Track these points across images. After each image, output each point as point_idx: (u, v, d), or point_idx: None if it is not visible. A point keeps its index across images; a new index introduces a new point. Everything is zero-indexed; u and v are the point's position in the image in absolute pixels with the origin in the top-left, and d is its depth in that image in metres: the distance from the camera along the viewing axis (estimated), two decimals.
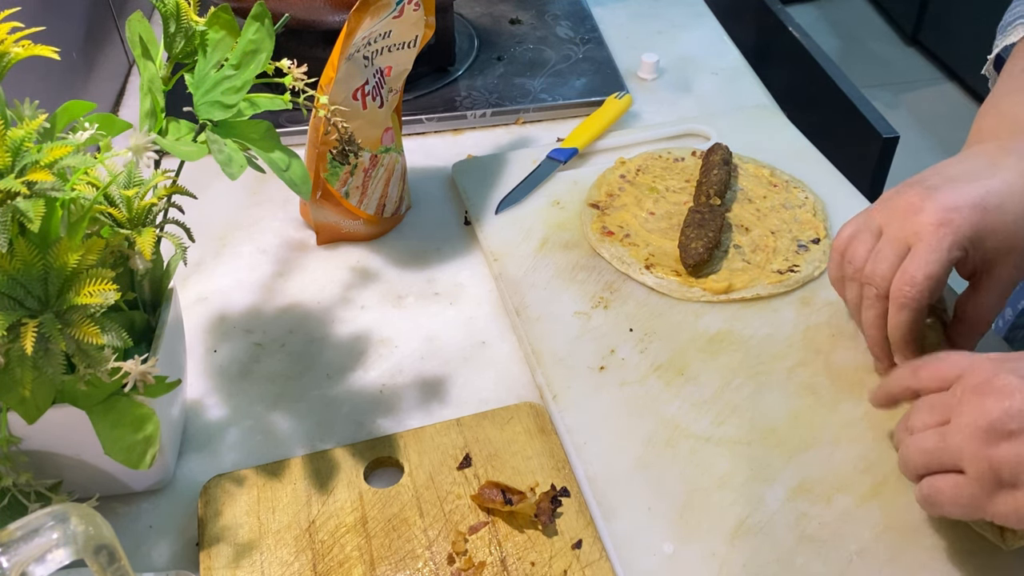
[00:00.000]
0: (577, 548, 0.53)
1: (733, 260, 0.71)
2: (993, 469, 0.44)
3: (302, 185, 0.53)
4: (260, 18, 0.53)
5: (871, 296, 0.57)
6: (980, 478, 0.45)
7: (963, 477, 0.46)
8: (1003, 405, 0.44)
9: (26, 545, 0.38)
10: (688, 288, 0.69)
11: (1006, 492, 0.45)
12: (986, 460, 0.45)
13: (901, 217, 0.56)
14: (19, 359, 0.45)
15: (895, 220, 0.56)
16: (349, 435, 0.61)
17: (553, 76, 0.97)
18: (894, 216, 0.56)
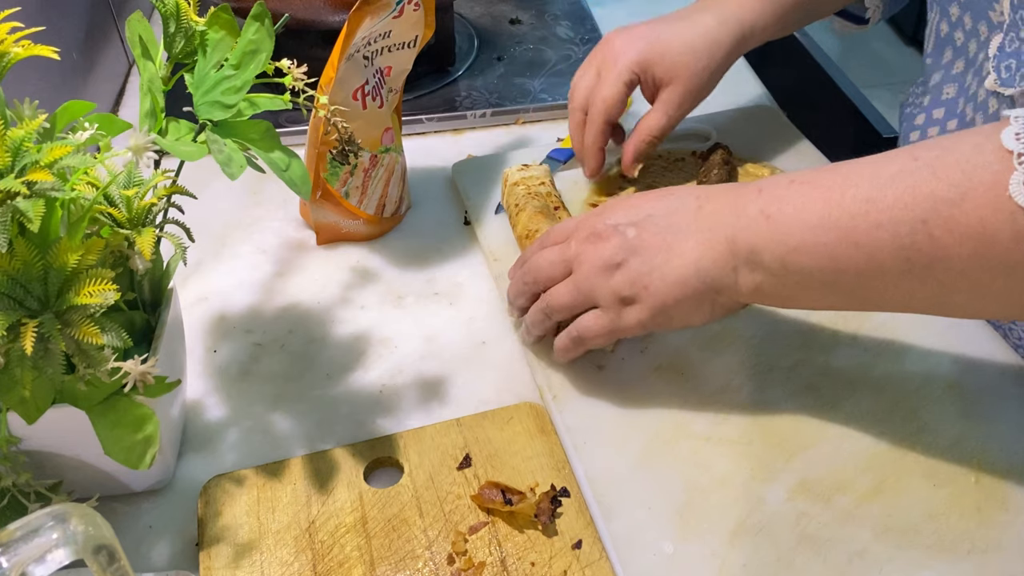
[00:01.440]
0: (577, 548, 0.53)
1: None
2: (616, 294, 0.57)
3: (302, 185, 0.53)
4: (260, 18, 0.53)
5: (572, 108, 0.77)
6: (611, 305, 0.57)
7: (599, 310, 0.58)
8: (608, 245, 0.57)
9: (26, 545, 0.38)
10: None
11: (628, 308, 0.57)
12: (609, 289, 0.57)
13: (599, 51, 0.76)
14: (19, 359, 0.45)
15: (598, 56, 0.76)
16: (349, 435, 0.61)
17: (553, 76, 0.97)
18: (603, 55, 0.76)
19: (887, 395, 0.62)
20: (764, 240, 0.52)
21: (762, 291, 0.54)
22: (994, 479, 0.57)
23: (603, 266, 0.57)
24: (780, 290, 0.54)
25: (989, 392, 0.62)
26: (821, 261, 0.50)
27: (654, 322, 0.57)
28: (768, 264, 0.53)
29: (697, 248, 0.55)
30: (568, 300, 0.60)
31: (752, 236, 0.53)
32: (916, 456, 0.58)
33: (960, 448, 0.59)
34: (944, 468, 0.58)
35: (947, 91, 0.70)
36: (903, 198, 0.47)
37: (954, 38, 0.68)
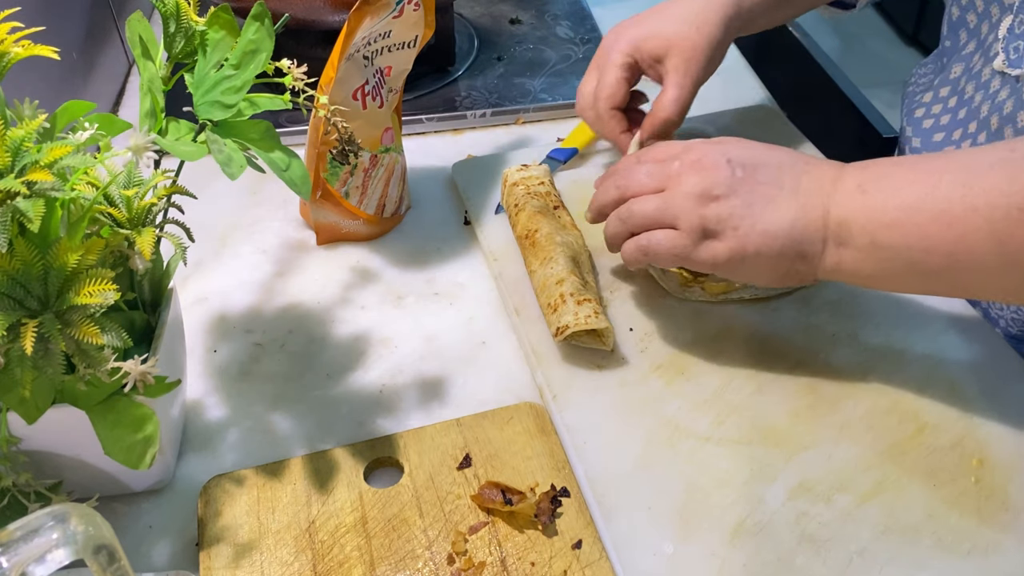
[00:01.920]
0: (577, 548, 0.53)
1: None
2: (702, 224, 0.57)
3: (302, 185, 0.53)
4: (260, 18, 0.53)
5: (579, 110, 0.77)
6: (691, 231, 0.57)
7: (676, 231, 0.58)
8: (712, 175, 0.57)
9: (26, 545, 0.38)
10: (687, 288, 0.69)
11: (709, 241, 0.57)
12: (698, 216, 0.57)
13: (597, 54, 0.76)
14: (19, 359, 0.45)
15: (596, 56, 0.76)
16: (349, 435, 0.61)
17: (553, 76, 0.97)
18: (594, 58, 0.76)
19: (887, 395, 0.62)
20: (857, 214, 0.53)
21: (843, 268, 0.55)
22: (994, 479, 0.57)
23: (701, 193, 0.57)
24: (862, 267, 0.54)
25: (989, 392, 0.62)
26: (911, 239, 0.51)
27: (726, 264, 0.57)
28: (857, 239, 0.53)
29: (794, 209, 0.55)
30: (651, 211, 0.60)
31: (845, 209, 0.54)
32: (916, 456, 0.58)
33: (960, 448, 0.59)
34: (944, 468, 0.58)
35: (954, 70, 0.71)
36: (1000, 185, 0.48)
37: (967, 20, 0.69)
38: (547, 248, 0.68)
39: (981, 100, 0.65)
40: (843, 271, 0.55)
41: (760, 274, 0.58)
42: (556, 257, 0.67)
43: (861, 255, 0.54)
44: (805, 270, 0.57)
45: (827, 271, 0.56)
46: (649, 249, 0.60)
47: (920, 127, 0.73)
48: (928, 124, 0.72)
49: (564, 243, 0.69)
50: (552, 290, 0.65)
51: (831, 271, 0.56)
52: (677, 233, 0.59)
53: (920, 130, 0.73)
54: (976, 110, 0.67)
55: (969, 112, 0.68)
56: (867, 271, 0.54)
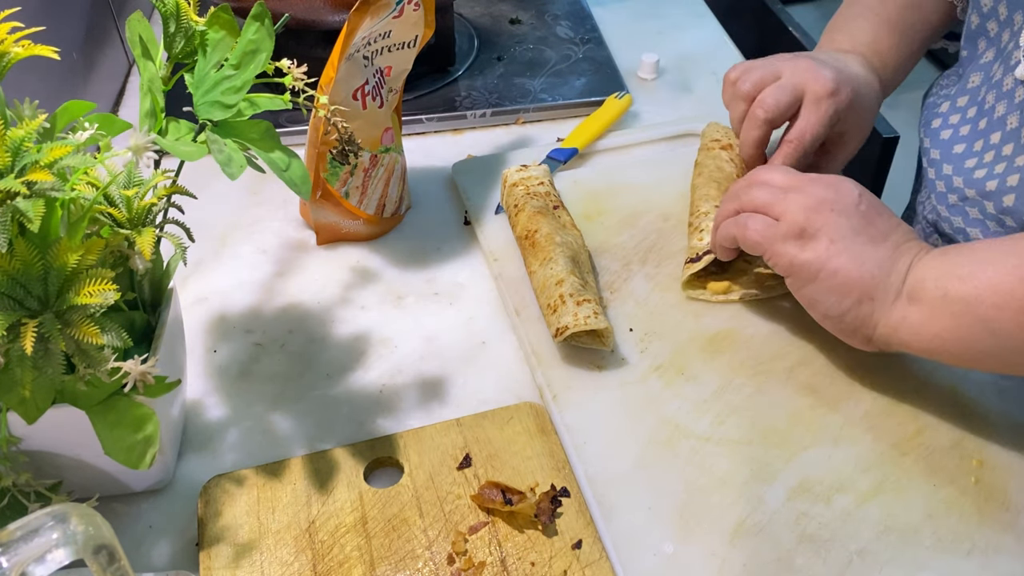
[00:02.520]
0: (577, 548, 0.53)
1: (734, 261, 0.71)
2: (805, 224, 0.58)
3: (302, 185, 0.53)
4: (260, 18, 0.53)
5: (759, 118, 0.71)
6: (790, 225, 0.58)
7: (775, 221, 0.59)
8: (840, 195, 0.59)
9: (26, 545, 0.38)
10: (690, 289, 0.69)
11: (799, 240, 0.58)
12: (804, 216, 0.58)
13: (802, 72, 0.70)
14: (19, 359, 0.45)
15: (797, 73, 0.70)
16: (349, 435, 0.61)
17: (553, 76, 0.96)
18: (796, 71, 0.71)
19: (887, 395, 0.62)
20: (934, 270, 0.54)
21: (908, 323, 0.55)
22: (994, 479, 0.57)
23: (821, 201, 0.58)
24: (930, 325, 0.54)
25: (989, 392, 0.62)
26: (983, 292, 0.51)
27: (802, 268, 0.58)
28: (929, 292, 0.53)
29: (888, 257, 0.56)
30: (766, 196, 0.61)
31: (924, 268, 0.55)
32: (916, 456, 0.58)
33: (960, 448, 0.59)
34: (944, 468, 0.58)
35: (973, 79, 0.71)
36: None
37: (987, 28, 0.69)
38: (547, 248, 0.68)
39: (1005, 111, 0.65)
40: (908, 328, 0.55)
41: (825, 297, 0.58)
42: (556, 257, 0.67)
43: (931, 311, 0.53)
44: (868, 314, 0.56)
45: (890, 325, 0.56)
46: (740, 222, 0.61)
47: (938, 138, 0.73)
48: (946, 135, 0.72)
49: (564, 243, 0.69)
50: (552, 291, 0.65)
51: (894, 326, 0.55)
52: (775, 222, 0.59)
53: (938, 141, 0.73)
54: (1000, 120, 0.66)
55: (991, 123, 0.67)
56: (935, 328, 0.54)
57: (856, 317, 0.57)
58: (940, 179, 0.72)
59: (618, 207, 0.78)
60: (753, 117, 0.71)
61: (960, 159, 0.70)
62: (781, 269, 0.59)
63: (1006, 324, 0.50)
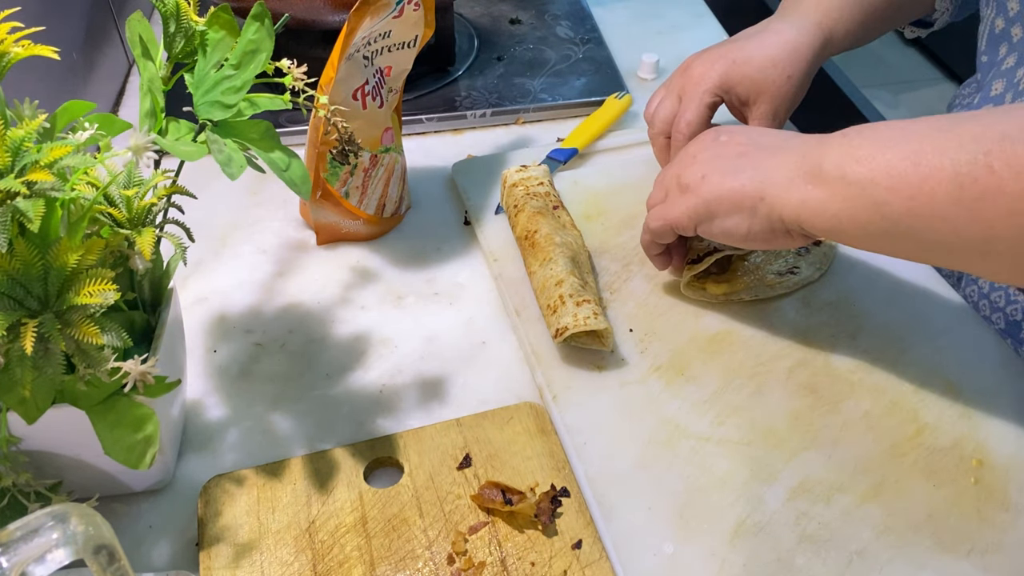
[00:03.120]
0: (577, 548, 0.53)
1: (734, 262, 0.71)
2: (677, 182, 0.61)
3: (302, 185, 0.53)
4: (260, 18, 0.53)
5: (654, 134, 0.75)
6: (671, 193, 0.62)
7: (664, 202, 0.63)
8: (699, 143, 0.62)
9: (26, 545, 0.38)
10: (690, 290, 0.69)
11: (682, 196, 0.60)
12: (675, 176, 0.62)
13: (680, 74, 0.74)
14: (19, 359, 0.45)
15: (675, 78, 0.75)
16: (349, 435, 0.61)
17: (553, 76, 0.97)
18: (676, 76, 0.75)
19: (887, 395, 0.62)
20: (833, 154, 0.53)
21: (808, 205, 0.54)
22: (994, 479, 0.57)
23: (684, 158, 0.62)
24: (828, 205, 0.53)
25: (989, 392, 0.62)
26: (878, 175, 0.50)
27: (693, 215, 0.59)
28: (827, 173, 0.53)
29: (765, 159, 0.57)
30: (654, 194, 0.64)
31: (822, 152, 0.54)
32: (916, 456, 0.58)
33: (960, 448, 0.59)
34: (944, 468, 0.58)
35: (995, 87, 0.70)
36: (973, 130, 0.48)
37: (1011, 34, 0.68)
38: (546, 249, 0.68)
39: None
40: (808, 210, 0.54)
41: (728, 224, 0.58)
42: (555, 258, 0.67)
43: (828, 192, 0.53)
44: (768, 212, 0.56)
45: (791, 212, 0.55)
46: (645, 225, 0.64)
47: None
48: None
49: (563, 243, 0.69)
50: (551, 291, 0.65)
51: (795, 211, 0.54)
52: (664, 202, 0.63)
53: None
54: None
55: None
56: (832, 210, 0.53)
57: (762, 221, 0.57)
58: None
59: (618, 207, 0.78)
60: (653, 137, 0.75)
61: None
62: (686, 227, 0.61)
63: (897, 208, 0.50)
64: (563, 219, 0.73)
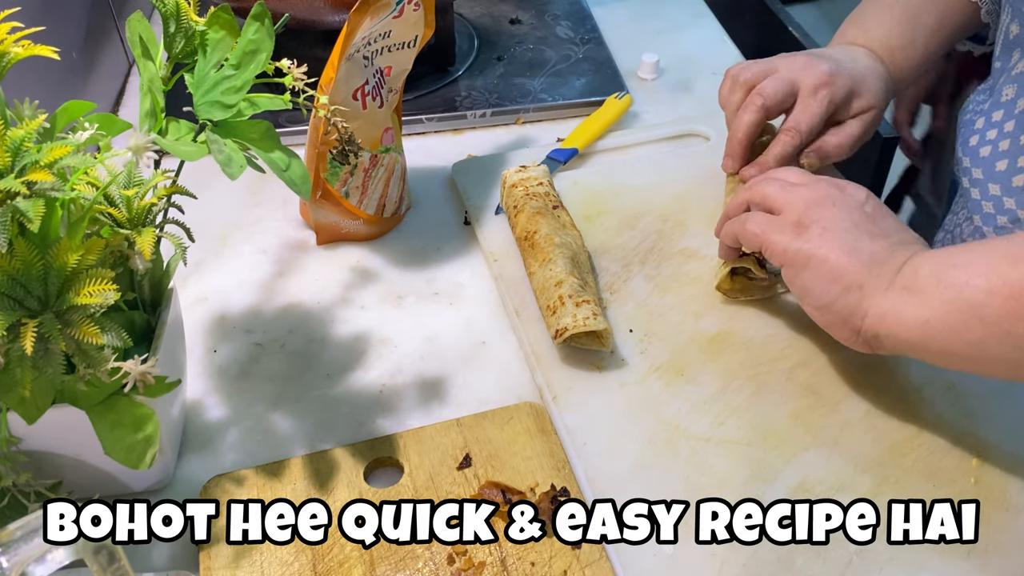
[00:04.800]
0: (577, 548, 0.53)
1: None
2: (801, 216, 0.59)
3: (302, 185, 0.53)
4: (260, 18, 0.53)
5: (757, 104, 0.72)
6: (787, 217, 0.59)
7: (775, 216, 0.61)
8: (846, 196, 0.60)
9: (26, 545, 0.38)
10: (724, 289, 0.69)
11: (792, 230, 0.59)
12: (804, 209, 0.59)
13: (798, 66, 0.73)
14: (19, 359, 0.45)
15: (793, 68, 0.73)
16: (349, 435, 0.61)
17: (553, 76, 0.96)
18: (792, 66, 0.73)
19: (887, 395, 0.62)
20: (931, 260, 0.54)
21: (896, 312, 0.53)
22: (994, 479, 0.57)
23: (823, 197, 0.59)
24: (916, 311, 0.52)
25: (989, 392, 0.62)
26: (974, 277, 0.50)
27: (794, 258, 0.58)
28: (922, 279, 0.53)
29: (883, 252, 0.56)
30: (774, 189, 0.62)
31: (922, 259, 0.54)
32: (916, 456, 0.58)
33: (960, 448, 0.59)
34: (944, 468, 0.58)
35: (1006, 92, 0.70)
36: None
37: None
38: (546, 249, 0.68)
39: None
40: (896, 315, 0.53)
41: (815, 285, 0.57)
42: (555, 258, 0.67)
43: (921, 298, 0.52)
44: (857, 301, 0.55)
45: (879, 313, 0.54)
46: (744, 224, 0.62)
47: (978, 156, 0.72)
48: (986, 152, 0.71)
49: (563, 244, 0.69)
50: (551, 292, 0.65)
51: (882, 316, 0.54)
52: (773, 216, 0.60)
53: (979, 160, 0.72)
54: None
55: None
56: (923, 316, 0.52)
57: (845, 305, 0.56)
58: (987, 200, 0.71)
59: (618, 208, 0.78)
60: (750, 103, 0.72)
61: (1005, 176, 0.69)
62: (776, 258, 0.59)
63: (996, 310, 0.49)
64: (563, 219, 0.73)
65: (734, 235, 0.63)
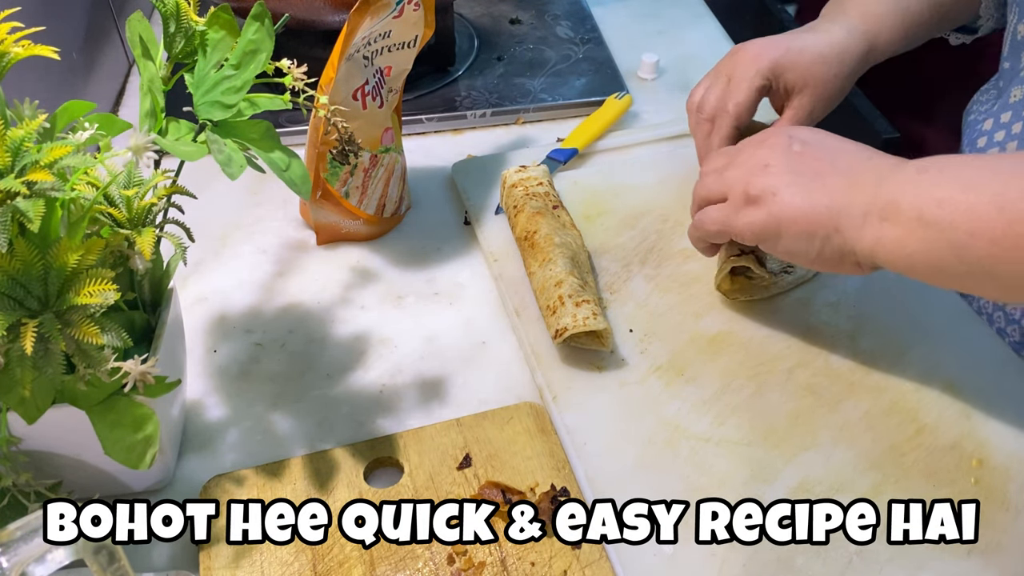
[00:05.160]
0: (577, 548, 0.53)
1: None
2: (746, 191, 0.58)
3: (302, 185, 0.53)
4: (260, 18, 0.53)
5: (700, 119, 0.72)
6: (736, 199, 0.59)
7: (726, 203, 0.60)
8: (769, 150, 0.59)
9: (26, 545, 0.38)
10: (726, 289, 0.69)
11: (749, 208, 0.58)
12: (744, 184, 0.59)
13: (731, 57, 0.73)
14: (19, 359, 0.45)
15: (726, 62, 0.73)
16: (349, 435, 0.61)
17: (553, 76, 0.97)
18: (726, 61, 0.73)
19: (887, 395, 0.62)
20: (910, 190, 0.52)
21: (883, 244, 0.53)
22: (994, 479, 0.57)
23: (754, 165, 0.59)
24: (904, 245, 0.52)
25: (989, 392, 0.62)
26: (958, 218, 0.49)
27: (761, 231, 0.58)
28: (904, 213, 0.52)
29: (841, 185, 0.55)
30: (711, 186, 0.62)
31: (898, 186, 0.53)
32: (916, 457, 0.58)
33: (959, 448, 0.59)
34: (944, 468, 0.58)
35: (1015, 94, 0.70)
36: None
37: None
38: (546, 249, 0.68)
39: None
40: (883, 248, 0.53)
41: (796, 245, 0.57)
42: (555, 258, 0.67)
43: (905, 231, 0.52)
44: (840, 244, 0.55)
45: (866, 248, 0.54)
46: (700, 222, 0.62)
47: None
48: (995, 153, 0.70)
49: (563, 244, 0.69)
50: (551, 292, 0.65)
51: (870, 248, 0.54)
52: (723, 205, 0.60)
53: None
54: None
55: None
56: (908, 249, 0.52)
57: (833, 250, 0.56)
58: None
59: (618, 208, 0.78)
60: (698, 123, 0.73)
61: None
62: (749, 239, 0.59)
63: (978, 252, 0.49)
64: (563, 219, 0.73)
65: (699, 236, 0.64)
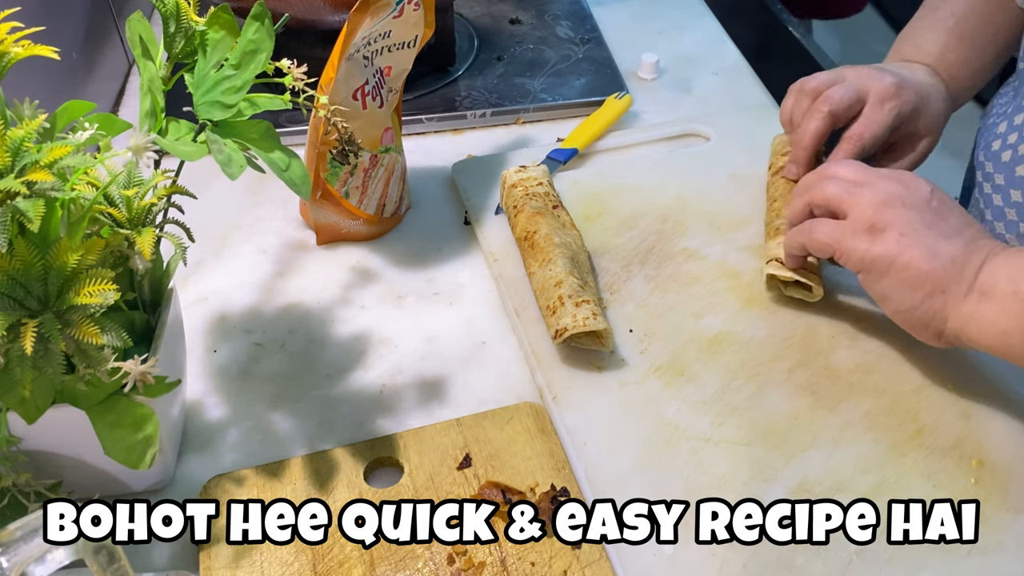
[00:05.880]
0: (577, 548, 0.53)
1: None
2: (872, 219, 0.58)
3: (302, 185, 0.53)
4: (260, 18, 0.53)
5: (823, 111, 0.70)
6: (857, 222, 0.58)
7: (842, 221, 0.60)
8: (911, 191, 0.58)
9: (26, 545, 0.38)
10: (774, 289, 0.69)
11: (868, 235, 0.58)
12: (872, 211, 0.58)
13: (865, 76, 0.72)
14: (19, 359, 0.45)
15: (860, 77, 0.72)
16: (349, 435, 0.61)
17: (553, 76, 0.96)
18: (859, 75, 0.72)
19: (887, 396, 0.62)
20: (1007, 267, 0.54)
21: (974, 319, 0.54)
22: (994, 479, 0.57)
23: (891, 196, 0.58)
24: (999, 320, 0.54)
25: (989, 392, 0.62)
26: None
27: (872, 262, 0.57)
28: (1000, 288, 0.54)
29: (960, 252, 0.56)
30: (835, 191, 0.60)
31: (998, 265, 0.55)
32: (916, 457, 0.58)
33: (960, 449, 0.59)
34: (944, 469, 0.58)
35: None
36: None
37: None
38: (545, 250, 0.68)
39: None
40: (975, 323, 0.55)
41: (898, 291, 0.57)
42: (555, 259, 0.67)
43: (1000, 307, 0.53)
44: (940, 307, 0.56)
45: (959, 319, 0.55)
46: (811, 232, 0.61)
47: (1000, 161, 0.71)
48: (1007, 157, 0.70)
49: (563, 244, 0.69)
50: (551, 292, 0.65)
51: (962, 322, 0.55)
52: (842, 222, 0.59)
53: (1000, 165, 0.71)
54: None
55: None
56: (1002, 326, 0.53)
57: (928, 311, 0.56)
58: (1010, 206, 0.71)
59: (618, 208, 0.78)
60: (816, 109, 0.71)
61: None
62: (853, 265, 0.59)
63: None
64: (563, 219, 0.73)
65: (801, 244, 0.63)
